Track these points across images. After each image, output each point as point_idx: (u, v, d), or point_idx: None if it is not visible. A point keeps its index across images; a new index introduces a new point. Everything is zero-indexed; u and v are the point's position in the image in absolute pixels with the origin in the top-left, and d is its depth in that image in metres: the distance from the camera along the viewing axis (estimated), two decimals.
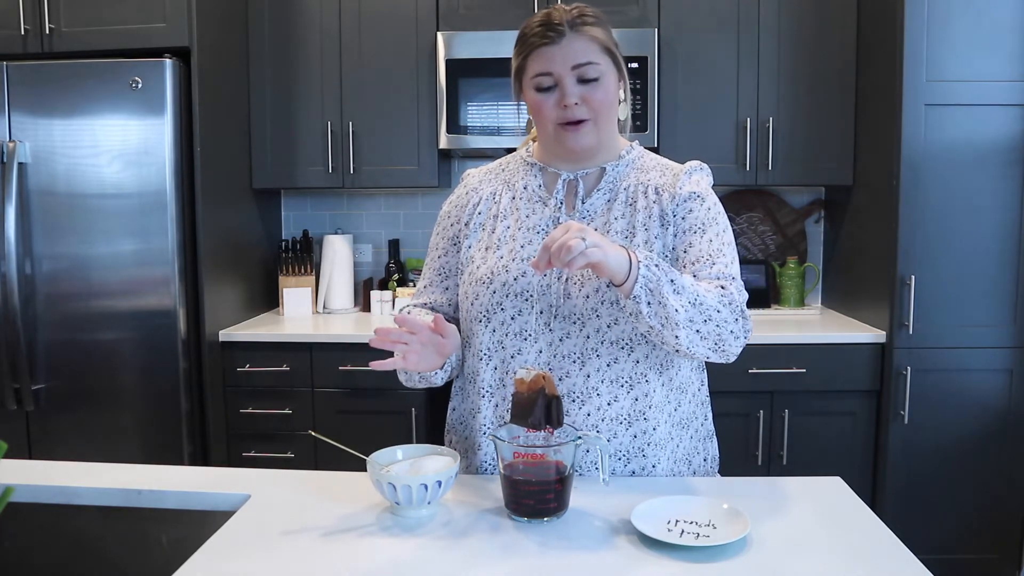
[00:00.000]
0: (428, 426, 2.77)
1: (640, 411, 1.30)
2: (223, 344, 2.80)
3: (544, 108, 1.30)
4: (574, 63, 1.27)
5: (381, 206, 3.42)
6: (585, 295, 1.28)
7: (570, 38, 1.27)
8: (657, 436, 1.31)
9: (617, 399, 1.29)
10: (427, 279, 1.47)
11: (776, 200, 3.29)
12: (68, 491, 1.29)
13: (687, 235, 1.30)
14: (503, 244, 1.35)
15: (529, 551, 1.06)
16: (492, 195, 1.41)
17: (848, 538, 1.09)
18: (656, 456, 1.32)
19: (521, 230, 1.35)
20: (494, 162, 1.50)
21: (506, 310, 1.31)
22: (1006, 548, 2.67)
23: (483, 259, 1.36)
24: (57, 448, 2.67)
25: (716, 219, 1.32)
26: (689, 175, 1.35)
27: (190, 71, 2.65)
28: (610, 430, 1.29)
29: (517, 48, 1.33)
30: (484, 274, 1.34)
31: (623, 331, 1.28)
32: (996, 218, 2.57)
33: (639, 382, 1.30)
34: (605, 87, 1.29)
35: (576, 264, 1.09)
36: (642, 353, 1.29)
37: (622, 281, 1.15)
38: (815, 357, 2.68)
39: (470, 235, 1.39)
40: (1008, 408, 2.61)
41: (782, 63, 2.92)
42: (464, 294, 1.38)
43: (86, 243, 2.61)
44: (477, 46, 2.88)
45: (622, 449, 1.31)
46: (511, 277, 1.31)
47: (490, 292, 1.32)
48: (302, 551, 1.06)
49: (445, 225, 1.45)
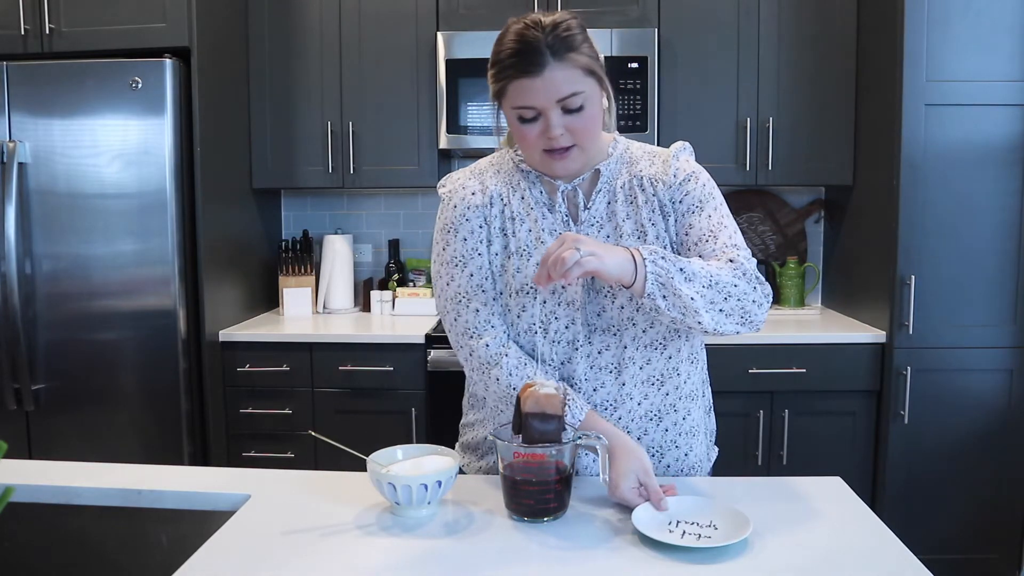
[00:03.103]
0: (428, 426, 2.77)
1: (671, 404, 1.30)
2: (223, 344, 2.80)
3: (528, 137, 1.23)
4: (558, 97, 1.18)
5: (381, 206, 3.42)
6: (620, 306, 1.27)
7: (552, 69, 1.17)
8: (687, 425, 1.32)
9: (647, 397, 1.29)
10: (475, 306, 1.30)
11: (776, 200, 3.29)
12: (68, 491, 1.29)
13: (687, 216, 1.29)
14: (533, 250, 1.29)
15: (529, 551, 1.06)
16: (500, 197, 1.34)
17: (848, 538, 1.09)
18: (688, 444, 1.33)
19: (544, 232, 1.31)
20: (481, 161, 1.41)
21: (560, 319, 1.28)
22: (1006, 548, 2.67)
23: (516, 268, 1.29)
24: (57, 448, 2.67)
25: (712, 194, 1.31)
26: (676, 158, 1.33)
27: (190, 71, 2.64)
28: (640, 428, 1.29)
29: (493, 71, 1.22)
30: (522, 284, 1.28)
31: (657, 332, 1.28)
32: (996, 218, 2.57)
33: (671, 376, 1.30)
34: (590, 112, 1.22)
35: (573, 274, 1.08)
36: (675, 348, 1.30)
37: (631, 282, 1.14)
38: (815, 357, 2.68)
39: (494, 240, 1.32)
40: (1008, 408, 2.61)
41: (782, 63, 2.92)
42: (504, 307, 1.31)
43: (86, 243, 2.61)
44: (477, 46, 2.88)
45: (654, 445, 1.30)
46: (558, 285, 1.26)
47: (539, 303, 1.28)
48: (302, 551, 1.06)
49: (471, 228, 1.31)
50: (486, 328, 1.30)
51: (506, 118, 1.27)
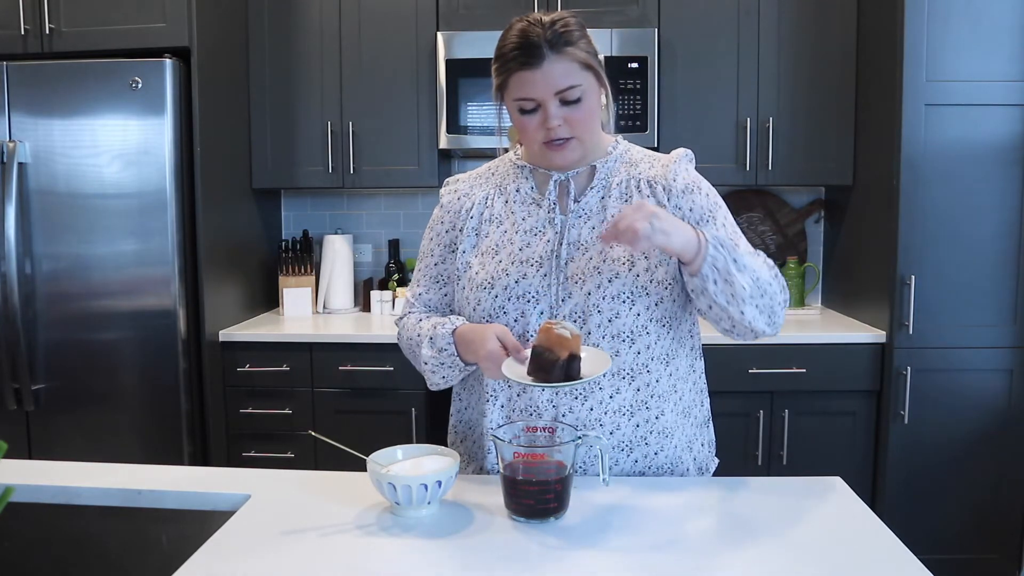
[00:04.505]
0: (428, 426, 2.77)
1: (642, 400, 1.31)
2: (223, 344, 2.80)
3: (528, 128, 1.29)
4: (556, 89, 1.24)
5: (381, 206, 3.42)
6: (586, 292, 1.29)
7: (551, 61, 1.23)
8: (661, 424, 1.33)
9: (619, 391, 1.30)
10: (423, 286, 1.46)
11: (776, 200, 3.29)
12: (68, 491, 1.29)
13: (700, 226, 1.33)
14: (501, 248, 1.35)
15: (529, 551, 1.06)
16: (484, 199, 1.41)
17: (848, 538, 1.09)
18: (660, 443, 1.33)
19: (518, 233, 1.35)
20: (482, 166, 1.49)
21: (509, 313, 1.32)
22: (1006, 548, 2.67)
23: (481, 264, 1.36)
24: (57, 448, 2.67)
25: (718, 203, 1.37)
26: (678, 163, 1.36)
27: (190, 71, 2.64)
28: (613, 422, 1.30)
29: (496, 65, 1.29)
30: (484, 279, 1.34)
31: (624, 324, 1.29)
32: (996, 218, 2.57)
33: (640, 372, 1.31)
34: (587, 105, 1.28)
35: (640, 246, 1.15)
36: (643, 344, 1.30)
37: (690, 260, 1.20)
38: (815, 357, 2.68)
39: (464, 240, 1.39)
40: (1008, 408, 2.61)
41: (782, 63, 2.92)
42: (464, 299, 1.38)
43: (86, 243, 2.61)
44: (477, 46, 2.88)
45: (624, 440, 1.31)
46: (512, 280, 1.32)
47: (492, 297, 1.33)
48: (302, 551, 1.06)
49: (439, 231, 1.44)
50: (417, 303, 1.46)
51: (508, 112, 1.33)
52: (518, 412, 1.32)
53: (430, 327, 1.36)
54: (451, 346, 1.32)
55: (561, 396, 1.30)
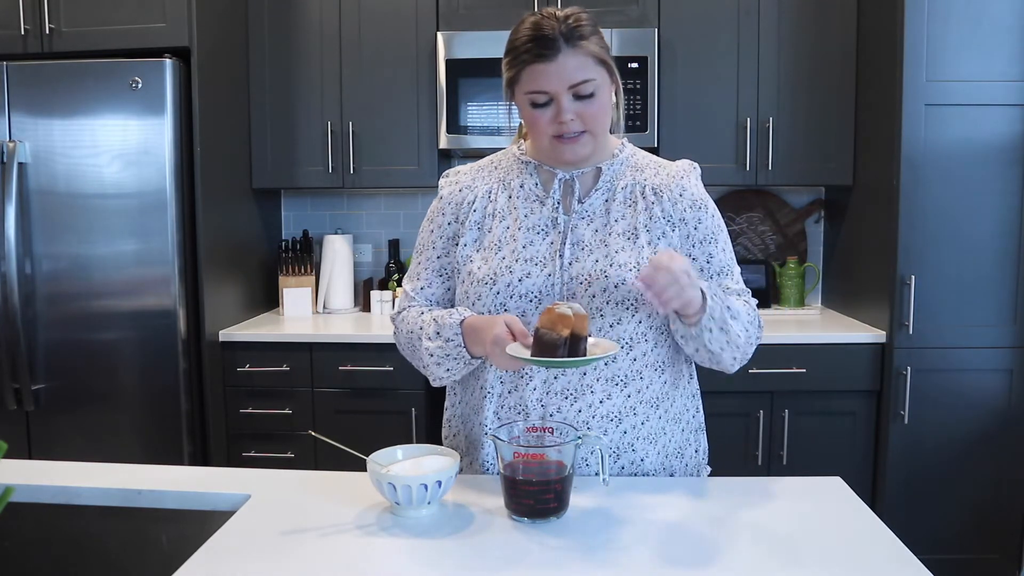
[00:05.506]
0: (428, 426, 2.77)
1: (631, 407, 1.31)
2: (223, 344, 2.80)
3: (540, 123, 1.29)
4: (570, 82, 1.24)
5: (381, 206, 3.42)
6: (591, 295, 1.29)
7: (565, 55, 1.23)
8: (646, 430, 1.32)
9: (610, 396, 1.30)
10: (424, 279, 1.42)
11: (776, 200, 3.29)
12: (68, 491, 1.29)
13: (704, 246, 1.35)
14: (504, 245, 1.34)
15: (529, 551, 1.06)
16: (487, 193, 1.39)
17: (848, 538, 1.09)
18: (645, 450, 1.33)
19: (521, 230, 1.34)
20: (484, 159, 1.47)
21: (510, 311, 1.31)
22: (1006, 548, 2.67)
23: (483, 259, 1.34)
24: (57, 448, 2.67)
25: (721, 226, 1.39)
26: (688, 177, 1.37)
27: (190, 71, 2.64)
28: (600, 427, 1.30)
29: (508, 59, 1.29)
30: (486, 275, 1.33)
31: (624, 330, 1.29)
32: (996, 218, 2.56)
33: (633, 379, 1.31)
34: (600, 100, 1.27)
35: (671, 307, 1.18)
36: (640, 351, 1.31)
37: (693, 313, 1.22)
38: (815, 357, 2.68)
39: (466, 233, 1.37)
40: (1008, 408, 2.61)
41: (782, 63, 2.92)
42: (464, 294, 1.36)
43: (86, 243, 2.61)
44: (477, 46, 2.88)
45: (612, 445, 1.31)
46: (515, 278, 1.31)
47: (493, 293, 1.32)
48: (302, 551, 1.06)
49: (440, 223, 1.41)
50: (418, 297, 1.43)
51: (518, 106, 1.32)
52: (506, 410, 1.31)
53: (433, 319, 1.33)
54: (458, 336, 1.29)
55: (551, 396, 1.29)
